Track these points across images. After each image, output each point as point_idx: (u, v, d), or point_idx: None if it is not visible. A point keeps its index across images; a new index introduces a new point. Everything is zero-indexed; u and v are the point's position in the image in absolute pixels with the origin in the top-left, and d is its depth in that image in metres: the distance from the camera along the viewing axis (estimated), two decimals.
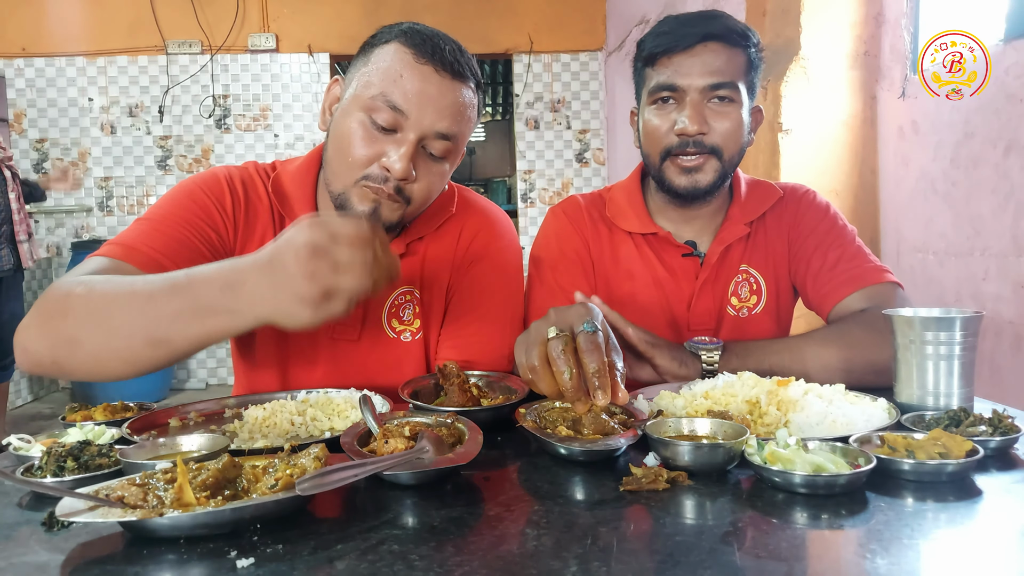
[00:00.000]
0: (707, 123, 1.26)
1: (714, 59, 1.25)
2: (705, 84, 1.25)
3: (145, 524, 0.63)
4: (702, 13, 1.30)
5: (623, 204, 1.42)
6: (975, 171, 2.18)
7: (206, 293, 0.83)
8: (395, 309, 1.26)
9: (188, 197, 1.17)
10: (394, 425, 0.86)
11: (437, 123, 1.08)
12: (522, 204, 5.54)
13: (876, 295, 1.27)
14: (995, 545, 0.64)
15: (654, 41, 1.29)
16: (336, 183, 1.13)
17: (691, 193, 1.30)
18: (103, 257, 1.05)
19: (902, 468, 0.75)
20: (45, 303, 0.93)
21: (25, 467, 0.80)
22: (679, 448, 0.78)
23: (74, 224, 5.27)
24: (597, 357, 0.83)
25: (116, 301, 0.88)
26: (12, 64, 5.16)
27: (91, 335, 0.88)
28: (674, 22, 1.29)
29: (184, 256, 1.08)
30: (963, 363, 0.99)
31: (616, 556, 0.60)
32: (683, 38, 1.26)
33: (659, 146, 1.30)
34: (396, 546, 0.62)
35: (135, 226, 1.12)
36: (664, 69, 1.28)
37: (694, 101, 1.26)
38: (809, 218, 1.39)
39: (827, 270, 1.33)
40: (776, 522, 0.66)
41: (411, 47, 1.09)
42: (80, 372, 0.93)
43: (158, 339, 0.85)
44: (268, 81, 5.33)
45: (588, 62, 5.48)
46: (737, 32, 1.27)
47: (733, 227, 1.37)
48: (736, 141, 1.29)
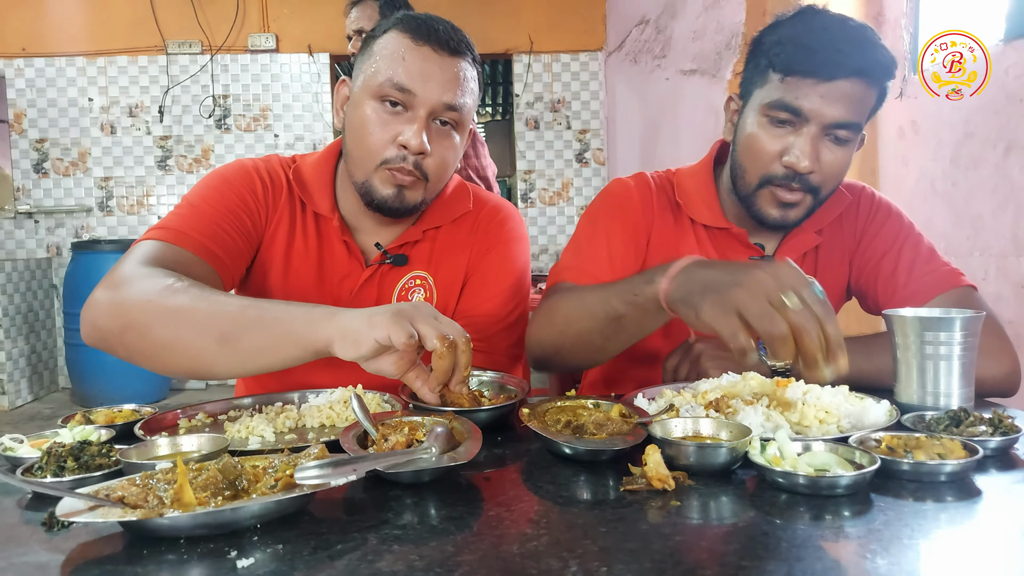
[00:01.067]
0: (818, 160, 1.17)
1: (852, 97, 1.14)
2: (831, 121, 1.15)
3: (145, 524, 0.63)
4: (856, 35, 1.15)
5: (693, 192, 1.34)
6: (975, 171, 2.18)
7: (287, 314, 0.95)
8: (404, 292, 1.30)
9: (224, 184, 1.23)
10: (391, 424, 0.86)
11: (443, 95, 1.15)
12: (522, 204, 5.53)
13: (959, 299, 1.21)
14: (995, 545, 0.64)
15: (796, 52, 1.14)
16: (358, 172, 1.20)
17: (777, 225, 1.23)
18: (155, 241, 1.11)
19: (902, 468, 0.75)
20: (123, 287, 1.00)
21: (25, 467, 0.80)
22: (683, 448, 0.78)
23: (74, 224, 5.27)
24: (835, 324, 0.81)
25: (194, 302, 0.97)
26: (12, 64, 5.16)
27: (164, 328, 0.97)
28: (825, 39, 1.13)
29: (226, 242, 1.17)
30: (963, 363, 0.99)
31: (616, 556, 0.59)
32: (830, 68, 1.12)
33: (762, 169, 1.21)
34: (396, 546, 0.62)
35: (178, 212, 1.18)
36: (794, 89, 1.15)
37: (813, 135, 1.16)
38: (876, 221, 1.34)
39: (902, 274, 1.27)
40: (777, 522, 0.66)
41: (408, 32, 1.16)
42: (142, 359, 1.01)
43: (225, 337, 0.95)
44: (268, 81, 5.33)
45: (588, 62, 5.48)
46: (883, 68, 1.15)
47: (804, 235, 1.31)
48: (838, 180, 1.22)
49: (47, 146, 5.22)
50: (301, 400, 1.11)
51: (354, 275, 1.28)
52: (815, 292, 0.82)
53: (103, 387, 4.56)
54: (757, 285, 0.82)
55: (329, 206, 1.27)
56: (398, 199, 1.18)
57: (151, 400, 4.74)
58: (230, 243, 1.18)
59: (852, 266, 1.35)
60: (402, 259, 1.28)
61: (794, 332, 0.80)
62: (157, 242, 1.10)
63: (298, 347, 0.93)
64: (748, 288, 0.82)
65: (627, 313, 1.05)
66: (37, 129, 5.21)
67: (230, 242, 1.18)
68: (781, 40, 1.17)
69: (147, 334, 0.98)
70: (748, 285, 0.82)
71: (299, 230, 1.28)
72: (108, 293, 1.01)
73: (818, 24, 1.17)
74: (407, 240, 1.29)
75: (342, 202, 1.29)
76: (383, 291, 1.29)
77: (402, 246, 1.29)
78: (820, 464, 0.73)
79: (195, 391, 5.30)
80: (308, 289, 1.28)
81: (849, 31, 1.15)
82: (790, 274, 0.83)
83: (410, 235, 1.29)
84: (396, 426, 0.86)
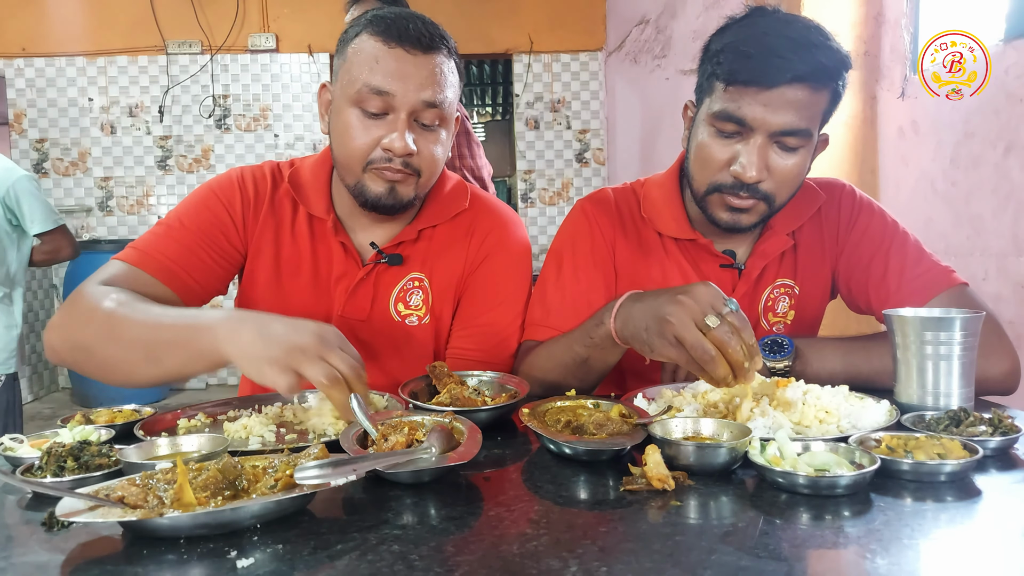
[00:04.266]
0: (767, 169, 1.15)
1: (795, 103, 1.11)
2: (777, 129, 1.12)
3: (145, 524, 0.63)
4: (792, 40, 1.11)
5: (660, 204, 1.34)
6: (975, 171, 2.18)
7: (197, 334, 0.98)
8: (402, 294, 1.30)
9: (203, 204, 1.26)
10: (391, 424, 0.86)
11: (422, 94, 1.14)
12: (522, 204, 5.54)
13: (955, 299, 1.20)
14: (995, 545, 0.64)
15: (734, 61, 1.12)
16: (348, 176, 1.21)
17: (731, 229, 1.22)
18: (122, 262, 1.17)
19: (902, 468, 0.75)
20: (72, 309, 1.08)
21: (25, 467, 0.80)
22: (683, 448, 0.78)
23: (74, 224, 5.27)
24: (751, 332, 0.90)
25: (127, 322, 1.02)
26: (12, 64, 5.16)
27: (103, 348, 1.03)
28: (765, 45, 1.11)
29: (193, 263, 1.20)
30: (963, 363, 0.99)
31: (616, 556, 0.59)
32: (768, 75, 1.10)
33: (709, 177, 1.20)
34: (396, 546, 0.62)
35: (154, 230, 1.23)
36: (737, 98, 1.13)
37: (759, 144, 1.14)
38: (860, 221, 1.31)
39: (893, 277, 1.25)
40: (776, 522, 0.66)
41: (379, 35, 1.15)
42: (92, 375, 1.08)
43: (149, 357, 1.00)
44: (268, 81, 5.33)
45: (588, 62, 5.48)
46: (827, 71, 1.12)
47: (775, 238, 1.29)
48: (793, 187, 1.19)
49: (47, 146, 5.22)
50: (300, 400, 1.11)
51: (350, 275, 1.28)
52: (731, 307, 0.90)
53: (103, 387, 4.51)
54: (684, 313, 0.89)
55: (324, 207, 1.27)
56: (391, 196, 1.18)
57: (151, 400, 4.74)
58: (198, 264, 1.21)
59: (838, 266, 1.34)
60: (398, 259, 1.28)
61: (720, 348, 0.88)
62: (121, 264, 1.16)
63: (212, 364, 0.97)
64: (677, 319, 0.90)
65: (590, 355, 1.12)
66: (37, 129, 5.21)
67: (199, 264, 1.21)
68: (724, 48, 1.15)
69: (91, 356, 1.06)
70: (677, 315, 0.90)
71: (288, 233, 1.28)
72: (60, 317, 1.10)
73: (760, 29, 1.14)
74: (403, 239, 1.29)
75: (338, 203, 1.29)
76: (379, 291, 1.29)
77: (398, 245, 1.29)
78: (820, 464, 0.73)
79: (195, 391, 5.30)
80: (303, 291, 1.28)
81: (792, 34, 1.12)
82: (708, 294, 0.91)
83: (406, 234, 1.29)
84: (396, 426, 0.86)
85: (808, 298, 1.33)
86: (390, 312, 1.30)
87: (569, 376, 1.16)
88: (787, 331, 1.32)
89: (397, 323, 1.30)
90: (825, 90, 1.14)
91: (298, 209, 1.29)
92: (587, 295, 1.29)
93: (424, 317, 1.31)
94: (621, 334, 1.02)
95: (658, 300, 0.94)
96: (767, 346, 1.17)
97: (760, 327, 1.31)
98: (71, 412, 1.05)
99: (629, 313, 1.00)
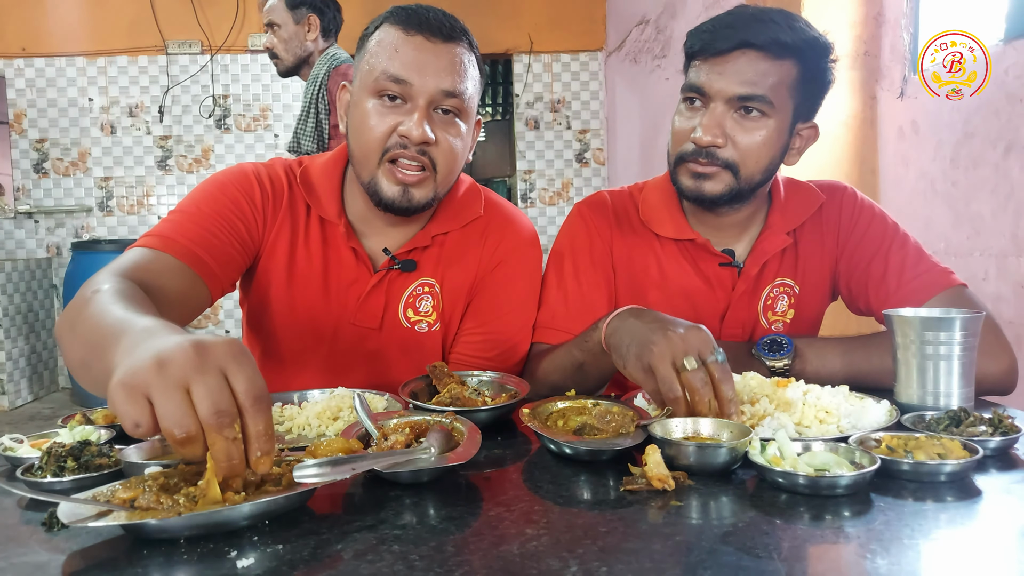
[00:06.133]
0: (725, 135, 1.18)
1: (748, 69, 1.16)
2: (732, 95, 1.17)
3: (145, 525, 0.63)
4: (749, 14, 1.20)
5: (658, 206, 1.35)
6: (975, 171, 2.18)
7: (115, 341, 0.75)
8: (412, 300, 1.28)
9: (220, 191, 1.21)
10: (392, 424, 0.86)
11: (441, 83, 1.13)
12: (522, 204, 5.53)
13: (954, 300, 1.21)
14: (995, 545, 0.64)
15: (693, 37, 1.22)
16: (364, 171, 1.18)
17: (697, 198, 1.23)
18: (142, 248, 1.09)
19: (902, 468, 0.75)
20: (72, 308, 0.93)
21: (25, 467, 0.80)
22: (683, 448, 0.78)
23: (74, 224, 5.26)
24: (731, 386, 0.89)
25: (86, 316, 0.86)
26: (12, 64, 5.15)
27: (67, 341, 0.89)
28: (717, 21, 1.21)
29: (216, 247, 1.14)
30: (963, 363, 0.99)
31: (616, 556, 0.59)
32: (718, 41, 1.17)
33: (677, 148, 1.24)
34: (396, 546, 0.62)
35: (170, 218, 1.16)
36: (697, 70, 1.21)
37: (716, 111, 1.18)
38: (861, 223, 1.32)
39: (893, 278, 1.26)
40: (777, 522, 0.66)
41: (399, 24, 1.15)
42: None
43: (83, 363, 0.83)
44: (268, 81, 5.32)
45: (588, 62, 5.48)
46: (782, 43, 1.15)
47: (774, 237, 1.30)
48: (758, 159, 1.20)
49: (47, 146, 5.22)
50: (300, 400, 1.11)
51: (362, 281, 1.25)
52: (717, 357, 0.90)
53: None
54: (667, 347, 0.90)
55: (336, 211, 1.24)
56: (405, 198, 1.16)
57: None
58: (221, 250, 1.15)
59: (838, 267, 1.34)
60: (411, 265, 1.26)
61: (689, 392, 0.89)
62: (143, 250, 1.08)
63: None
64: (659, 349, 0.91)
65: (585, 360, 1.14)
66: (37, 129, 5.20)
67: (222, 249, 1.15)
68: (688, 34, 1.24)
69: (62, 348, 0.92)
70: (660, 346, 0.91)
71: (302, 236, 1.25)
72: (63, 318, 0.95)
73: (720, 15, 1.23)
74: (416, 245, 1.26)
75: (350, 206, 1.26)
76: (391, 297, 1.27)
77: (411, 251, 1.26)
78: (820, 464, 0.73)
79: None
80: (314, 297, 1.25)
81: (753, 11, 1.20)
82: (698, 339, 0.91)
83: (419, 240, 1.26)
84: (396, 426, 0.86)
85: (808, 298, 1.33)
86: (399, 318, 1.28)
87: (568, 380, 1.17)
88: (786, 330, 1.32)
89: (406, 329, 1.28)
90: (784, 61, 1.17)
91: (311, 211, 1.25)
92: (589, 295, 1.31)
93: (434, 324, 1.29)
94: (608, 341, 1.04)
95: (650, 326, 0.96)
96: (767, 345, 1.17)
97: (759, 326, 1.31)
98: (71, 412, 1.05)
99: (621, 325, 1.02)
